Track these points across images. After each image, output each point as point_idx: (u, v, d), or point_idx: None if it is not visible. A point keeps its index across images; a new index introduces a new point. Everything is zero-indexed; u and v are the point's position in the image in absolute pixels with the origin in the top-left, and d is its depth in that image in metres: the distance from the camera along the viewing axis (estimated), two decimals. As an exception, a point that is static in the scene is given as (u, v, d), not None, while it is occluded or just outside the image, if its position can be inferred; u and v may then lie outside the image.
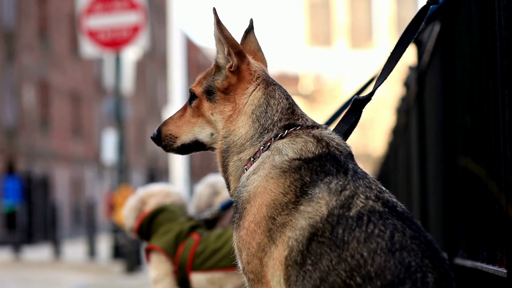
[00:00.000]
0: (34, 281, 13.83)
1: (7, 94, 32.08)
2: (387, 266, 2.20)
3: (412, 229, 2.28)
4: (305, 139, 2.50)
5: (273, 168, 2.46)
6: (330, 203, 2.33)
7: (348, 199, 2.34)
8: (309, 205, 2.35)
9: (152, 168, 51.91)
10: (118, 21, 15.21)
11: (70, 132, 38.53)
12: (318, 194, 2.36)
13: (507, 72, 2.68)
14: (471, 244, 3.50)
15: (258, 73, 2.66)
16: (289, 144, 2.49)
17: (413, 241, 2.25)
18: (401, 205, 2.38)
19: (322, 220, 2.31)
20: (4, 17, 32.17)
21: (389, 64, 2.77)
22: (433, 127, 4.84)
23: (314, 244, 2.29)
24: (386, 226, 2.27)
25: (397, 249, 2.22)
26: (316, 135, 2.52)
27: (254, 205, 2.45)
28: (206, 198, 4.75)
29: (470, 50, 3.39)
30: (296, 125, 2.56)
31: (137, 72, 38.60)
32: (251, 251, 2.44)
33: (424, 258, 2.22)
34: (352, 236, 2.26)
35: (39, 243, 30.20)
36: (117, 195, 14.91)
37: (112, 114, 17.04)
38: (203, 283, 4.27)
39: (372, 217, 2.29)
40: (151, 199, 4.52)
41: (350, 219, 2.29)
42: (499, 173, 2.84)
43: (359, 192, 2.36)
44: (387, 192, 2.41)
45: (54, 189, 35.84)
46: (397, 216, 2.31)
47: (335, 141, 2.52)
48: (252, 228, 2.44)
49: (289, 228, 2.35)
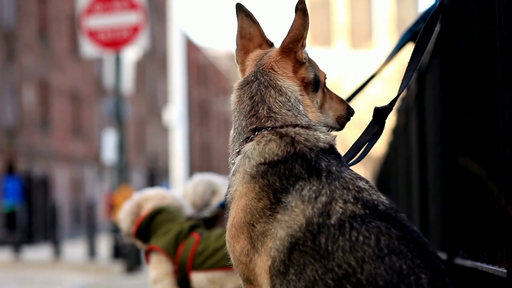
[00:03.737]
0: (34, 281, 13.83)
1: (7, 94, 32.08)
2: (378, 273, 2.12)
3: (397, 229, 2.21)
4: (268, 138, 2.43)
5: (245, 173, 2.42)
6: (307, 211, 2.26)
7: (326, 206, 2.25)
8: (285, 213, 2.29)
9: (152, 168, 51.91)
10: (118, 21, 15.21)
11: (70, 132, 38.53)
12: (291, 203, 2.29)
13: (507, 72, 2.68)
14: (471, 244, 3.50)
15: (248, 71, 2.63)
16: (254, 146, 2.44)
17: (401, 242, 2.17)
18: (383, 202, 2.28)
19: (301, 229, 2.25)
20: (4, 17, 32.17)
21: (407, 74, 2.78)
22: (433, 127, 4.84)
23: (296, 254, 2.23)
24: (370, 231, 2.19)
25: (385, 254, 2.15)
26: (280, 132, 2.43)
27: (233, 207, 2.44)
28: (202, 194, 4.75)
29: (470, 50, 3.39)
30: (264, 127, 2.48)
31: (137, 72, 38.60)
32: (235, 255, 2.43)
33: (415, 259, 2.15)
34: (337, 245, 2.18)
35: (39, 243, 30.20)
36: (117, 195, 14.92)
37: (112, 114, 17.04)
38: (204, 283, 4.28)
39: (354, 223, 2.21)
40: (147, 203, 4.53)
41: (332, 227, 2.21)
42: (499, 173, 2.84)
43: (336, 196, 2.27)
44: (366, 190, 2.31)
45: (54, 189, 35.84)
46: (380, 216, 2.23)
47: (302, 136, 2.41)
48: (234, 232, 2.42)
49: (270, 237, 2.30)
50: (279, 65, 2.56)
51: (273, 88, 2.52)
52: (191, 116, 61.33)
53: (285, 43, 2.56)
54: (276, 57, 2.57)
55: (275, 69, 2.56)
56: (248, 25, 2.69)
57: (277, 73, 2.55)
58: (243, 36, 2.68)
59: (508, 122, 2.66)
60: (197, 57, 65.43)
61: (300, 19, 2.52)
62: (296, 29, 2.53)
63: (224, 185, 4.92)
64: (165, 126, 54.52)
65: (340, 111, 2.69)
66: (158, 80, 53.79)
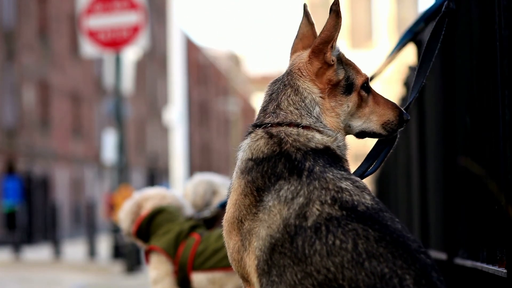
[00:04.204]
0: (34, 281, 13.83)
1: (7, 94, 32.08)
2: (360, 279, 2.10)
3: (375, 230, 2.17)
4: (260, 136, 2.43)
5: (238, 168, 2.46)
6: (283, 212, 2.25)
7: (302, 208, 2.23)
8: (265, 213, 2.29)
9: (152, 168, 51.91)
10: (118, 21, 15.22)
11: (70, 132, 38.53)
12: (269, 203, 2.29)
13: (507, 72, 2.69)
14: (471, 244, 3.50)
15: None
16: (247, 143, 2.46)
17: (379, 244, 2.14)
18: (364, 202, 2.23)
19: (279, 230, 2.24)
20: (4, 17, 32.17)
21: (418, 79, 2.78)
22: (433, 127, 4.84)
23: (276, 255, 2.22)
24: (347, 235, 2.15)
25: (364, 259, 2.12)
26: (271, 132, 2.42)
27: (228, 202, 2.47)
28: (203, 194, 4.75)
29: (470, 50, 3.40)
30: (261, 124, 2.48)
31: (137, 72, 38.60)
32: (230, 251, 2.44)
33: (396, 260, 2.12)
34: (314, 249, 2.16)
35: (39, 243, 30.20)
36: (117, 195, 14.92)
37: (112, 114, 17.05)
38: (204, 283, 4.28)
39: (330, 226, 2.18)
40: (147, 203, 4.52)
41: (308, 229, 2.19)
42: (499, 173, 2.84)
43: (314, 197, 2.24)
44: (348, 190, 2.26)
45: (54, 189, 35.84)
46: (357, 218, 2.19)
47: (292, 137, 2.39)
48: (226, 227, 2.44)
49: (255, 236, 2.31)
50: (306, 66, 2.53)
51: (290, 87, 2.51)
52: (191, 116, 61.34)
53: (315, 44, 2.53)
54: (306, 58, 2.55)
55: (301, 69, 2.54)
56: (304, 25, 2.66)
57: (301, 73, 2.53)
58: (297, 36, 2.66)
59: (508, 122, 2.67)
60: (197, 57, 65.43)
61: (332, 20, 2.51)
62: (328, 30, 2.51)
63: (224, 185, 4.92)
64: (165, 126, 54.56)
65: (387, 117, 2.59)
66: (158, 80, 53.79)
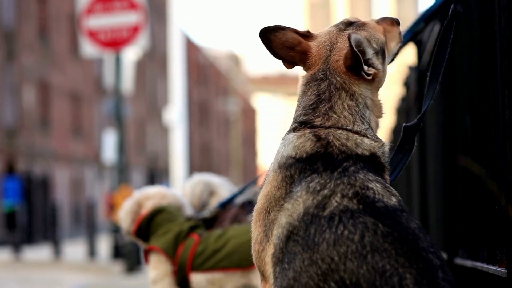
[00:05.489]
0: (34, 281, 13.83)
1: (7, 94, 32.09)
2: (361, 273, 2.10)
3: (386, 225, 2.16)
4: (306, 137, 2.42)
5: (276, 161, 2.45)
6: (307, 201, 2.28)
7: (324, 199, 2.26)
8: (289, 202, 2.32)
9: (152, 168, 51.92)
10: (118, 21, 15.22)
11: (70, 132, 38.54)
12: (297, 193, 2.31)
13: (507, 72, 2.68)
14: (471, 244, 3.50)
15: (313, 69, 2.52)
16: (292, 140, 2.44)
17: (386, 239, 2.14)
18: (386, 201, 2.23)
19: (298, 218, 2.27)
20: (4, 17, 32.18)
21: (430, 85, 2.76)
22: (433, 127, 4.84)
23: (291, 243, 2.25)
24: (356, 226, 2.16)
25: (368, 252, 2.12)
26: (319, 134, 2.40)
27: (261, 192, 2.47)
28: (199, 195, 4.75)
29: (470, 50, 3.39)
30: (311, 123, 2.45)
31: (137, 72, 38.61)
32: (252, 242, 2.45)
33: (399, 257, 2.11)
34: (323, 237, 2.18)
35: (39, 243, 30.21)
36: (117, 195, 14.92)
37: (112, 114, 17.05)
38: (203, 284, 4.27)
39: (343, 217, 2.19)
40: (147, 202, 4.52)
41: (323, 219, 2.22)
42: (499, 173, 2.84)
43: (337, 190, 2.26)
44: (374, 190, 2.25)
45: (54, 189, 35.85)
46: (371, 212, 2.19)
47: (340, 140, 2.38)
48: (254, 217, 2.45)
49: (276, 225, 2.34)
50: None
51: (345, 91, 2.46)
52: (191, 116, 61.35)
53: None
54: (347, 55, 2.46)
55: (343, 70, 2.47)
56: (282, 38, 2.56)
57: (351, 75, 2.46)
58: (285, 54, 2.57)
59: (508, 122, 2.66)
60: (197, 57, 65.45)
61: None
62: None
63: (222, 186, 4.92)
64: (165, 126, 54.57)
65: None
66: (158, 80, 53.81)
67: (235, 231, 4.32)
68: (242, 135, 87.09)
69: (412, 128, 2.67)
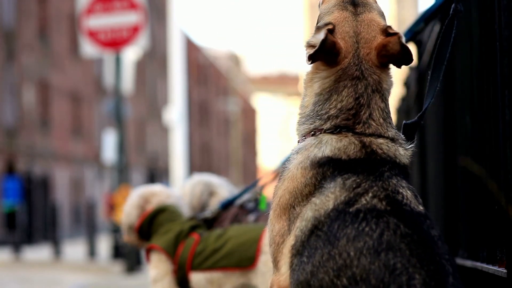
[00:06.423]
0: (34, 281, 13.83)
1: (7, 94, 32.09)
2: (372, 269, 2.12)
3: (407, 227, 2.19)
4: (350, 141, 2.39)
5: (307, 158, 2.41)
6: (339, 198, 2.28)
7: (355, 197, 2.27)
8: (319, 197, 2.32)
9: (152, 168, 51.93)
10: (118, 21, 15.22)
11: (70, 132, 38.54)
12: (331, 189, 2.31)
13: (507, 72, 2.69)
14: (471, 244, 3.50)
15: (342, 63, 2.43)
16: (333, 141, 2.40)
17: (403, 239, 2.16)
18: (413, 206, 2.26)
19: (325, 213, 2.28)
20: (4, 17, 32.18)
21: (431, 84, 2.76)
22: (433, 127, 4.84)
23: (313, 237, 2.26)
24: (378, 225, 2.19)
25: (383, 249, 2.14)
26: (364, 141, 2.39)
27: (281, 187, 2.45)
28: (199, 196, 4.75)
29: (470, 50, 3.39)
30: (352, 130, 2.41)
31: (137, 72, 38.62)
32: (272, 234, 2.45)
33: (412, 257, 2.13)
34: (344, 232, 2.20)
35: (39, 243, 30.21)
36: (117, 195, 14.92)
37: (112, 114, 17.05)
38: (202, 283, 4.28)
39: (368, 215, 2.22)
40: (154, 198, 4.53)
41: (348, 215, 2.24)
42: (499, 173, 2.84)
43: (370, 190, 2.28)
44: (403, 195, 2.28)
45: (54, 189, 35.85)
46: (396, 213, 2.22)
47: (382, 150, 2.38)
48: (278, 212, 2.44)
49: (300, 218, 2.34)
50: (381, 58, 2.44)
51: (378, 93, 2.43)
52: (191, 116, 61.35)
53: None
54: (379, 43, 2.42)
55: (376, 64, 2.43)
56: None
57: (382, 71, 2.44)
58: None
59: (508, 122, 2.67)
60: (197, 57, 65.44)
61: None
62: None
63: (222, 186, 4.92)
64: (165, 126, 54.57)
65: None
66: (158, 80, 53.80)
67: (234, 231, 4.32)
68: (242, 135, 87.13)
69: (412, 126, 2.67)
